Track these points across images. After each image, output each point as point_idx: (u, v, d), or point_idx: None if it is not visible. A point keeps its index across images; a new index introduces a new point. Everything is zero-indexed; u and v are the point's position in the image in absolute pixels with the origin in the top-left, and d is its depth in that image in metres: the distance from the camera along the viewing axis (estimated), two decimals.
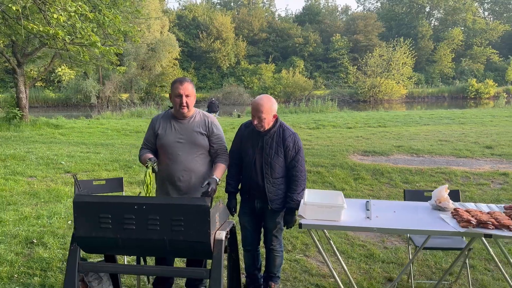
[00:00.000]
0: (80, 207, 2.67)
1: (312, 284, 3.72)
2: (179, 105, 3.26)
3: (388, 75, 36.66)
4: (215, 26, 53.99)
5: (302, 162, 3.29)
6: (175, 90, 3.27)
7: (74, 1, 7.18)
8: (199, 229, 2.55)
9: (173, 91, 3.29)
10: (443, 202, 2.91)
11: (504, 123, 15.91)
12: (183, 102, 3.25)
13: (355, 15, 59.70)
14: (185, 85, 3.26)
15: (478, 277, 3.81)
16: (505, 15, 65.45)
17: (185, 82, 3.28)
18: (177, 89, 3.26)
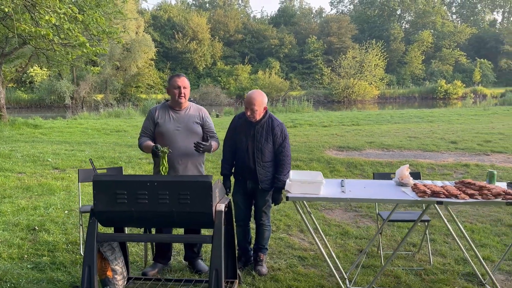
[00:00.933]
0: (99, 185, 3.10)
1: (295, 256, 4.24)
2: (177, 95, 3.74)
3: (361, 77, 37.74)
4: (191, 27, 54.13)
5: (288, 148, 3.81)
6: (173, 83, 3.75)
7: (63, 4, 7.49)
8: (203, 201, 3.02)
9: (171, 84, 3.77)
10: (405, 179, 3.48)
11: (470, 121, 16.91)
12: (181, 93, 3.74)
13: (329, 18, 60.94)
14: (182, 78, 3.78)
15: (438, 248, 4.41)
16: (472, 19, 68.07)
17: (182, 76, 3.81)
18: (175, 82, 3.75)
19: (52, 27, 8.11)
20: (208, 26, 55.87)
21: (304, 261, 4.14)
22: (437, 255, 4.25)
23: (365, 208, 5.81)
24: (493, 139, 11.41)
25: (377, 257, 4.20)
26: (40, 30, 7.10)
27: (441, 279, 3.72)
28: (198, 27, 54.48)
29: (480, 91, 44.29)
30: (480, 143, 10.62)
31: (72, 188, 6.98)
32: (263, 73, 44.04)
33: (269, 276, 3.78)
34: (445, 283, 3.65)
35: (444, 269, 3.93)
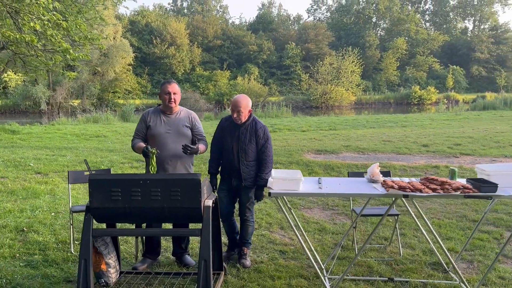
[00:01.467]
0: (94, 183, 3.33)
1: (276, 250, 4.53)
2: (168, 100, 4.00)
3: (338, 83, 38.52)
4: (169, 32, 54.14)
5: (270, 149, 4.12)
6: (164, 89, 4.01)
7: (47, 11, 7.63)
8: (193, 197, 3.28)
9: (162, 90, 4.03)
10: (375, 176, 3.81)
11: (441, 126, 17.60)
12: (171, 98, 4.00)
13: (306, 25, 61.85)
14: (172, 85, 4.04)
15: (407, 241, 4.78)
16: (445, 26, 70.19)
17: (172, 82, 4.06)
18: (166, 88, 4.01)
19: (35, 33, 8.22)
20: (186, 32, 56.00)
21: (285, 254, 4.43)
22: (406, 247, 4.60)
23: (341, 207, 6.15)
24: (462, 142, 12.01)
25: (351, 250, 4.53)
26: (25, 36, 7.22)
27: (409, 268, 4.07)
28: (177, 33, 54.53)
29: (453, 97, 45.71)
30: (451, 146, 11.17)
31: (56, 192, 7.10)
32: (242, 79, 44.43)
33: (252, 268, 4.05)
34: (413, 271, 3.99)
35: (413, 259, 4.29)
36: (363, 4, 65.85)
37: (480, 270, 4.01)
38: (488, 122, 18.88)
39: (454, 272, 3.91)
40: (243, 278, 3.85)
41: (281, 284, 3.73)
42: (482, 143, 11.81)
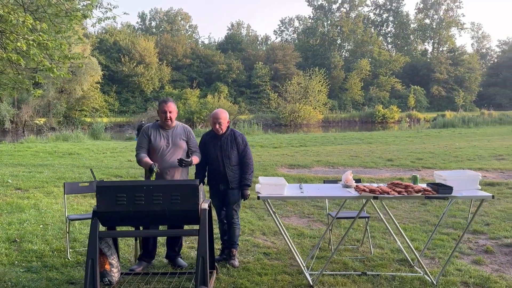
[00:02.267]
0: (102, 189, 3.69)
1: (261, 252, 4.96)
2: (165, 118, 4.42)
3: (306, 102, 39.68)
4: (138, 51, 54.22)
5: (250, 153, 4.69)
6: (162, 108, 4.43)
7: (33, 32, 7.91)
8: (191, 201, 3.70)
9: (160, 109, 4.45)
10: (349, 182, 4.34)
11: (404, 142, 18.62)
12: (167, 117, 4.42)
13: (274, 45, 63.40)
14: (169, 104, 4.45)
15: (377, 242, 5.31)
16: (406, 48, 73.54)
17: (169, 102, 4.47)
18: (163, 107, 4.43)
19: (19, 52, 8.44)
20: (155, 50, 56.26)
21: (269, 256, 4.87)
22: (376, 247, 5.14)
23: (316, 215, 6.66)
24: (424, 157, 12.87)
25: (328, 250, 5.02)
26: (12, 55, 7.46)
27: (380, 264, 4.59)
28: (146, 51, 54.69)
29: (414, 116, 47.79)
30: (413, 161, 11.99)
31: (40, 206, 7.27)
32: (212, 97, 44.93)
33: (241, 267, 4.46)
34: (383, 267, 4.51)
35: (382, 257, 4.82)
36: (328, 27, 68.26)
37: (441, 265, 4.57)
38: (448, 139, 20.09)
39: (418, 266, 4.45)
40: (233, 276, 4.25)
41: (268, 279, 4.16)
42: (442, 158, 12.70)
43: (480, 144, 17.04)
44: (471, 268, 4.44)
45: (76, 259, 4.72)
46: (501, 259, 4.74)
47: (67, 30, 11.36)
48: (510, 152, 13.65)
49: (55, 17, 10.26)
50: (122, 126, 43.53)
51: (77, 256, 4.83)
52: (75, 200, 7.76)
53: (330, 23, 68.56)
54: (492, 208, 6.79)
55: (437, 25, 72.68)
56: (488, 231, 5.66)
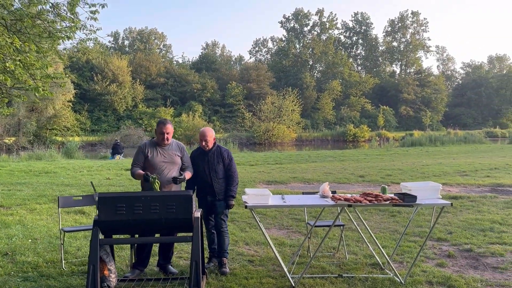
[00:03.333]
0: (103, 200, 4.02)
1: (245, 260, 5.34)
2: (162, 139, 4.82)
3: (279, 121, 40.48)
4: (111, 69, 54.13)
5: (235, 167, 5.13)
6: (160, 129, 4.84)
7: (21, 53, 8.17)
8: (186, 210, 4.07)
9: (158, 130, 4.85)
10: (326, 192, 4.82)
11: (375, 160, 19.41)
12: (165, 138, 4.82)
13: (248, 65, 64.49)
14: (167, 126, 4.87)
15: (351, 249, 5.78)
16: (375, 70, 76.11)
17: (167, 124, 4.89)
18: (161, 129, 4.84)
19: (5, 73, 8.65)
20: (129, 69, 56.27)
21: (253, 263, 5.26)
22: (350, 254, 5.60)
23: (294, 226, 7.10)
24: (393, 173, 13.58)
25: (307, 257, 5.45)
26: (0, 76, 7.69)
27: (354, 267, 5.05)
28: (119, 70, 54.63)
29: (384, 135, 49.34)
30: (383, 177, 12.66)
31: (25, 222, 7.40)
32: (186, 116, 45.14)
33: (228, 273, 4.83)
34: (357, 270, 4.97)
35: (356, 261, 5.28)
36: (300, 49, 70.07)
37: (408, 268, 5.07)
38: (416, 157, 21.05)
39: (388, 268, 4.94)
40: (222, 280, 4.62)
41: (254, 282, 4.54)
42: (409, 174, 13.43)
43: (446, 161, 17.99)
44: (435, 270, 4.96)
45: (70, 269, 4.98)
46: (462, 262, 5.29)
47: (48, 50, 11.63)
48: (472, 168, 14.55)
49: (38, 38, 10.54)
50: (95, 145, 43.06)
51: (71, 266, 5.08)
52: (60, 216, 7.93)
53: (302, 45, 70.42)
54: (455, 219, 7.40)
55: (404, 48, 75.71)
56: (450, 239, 6.23)
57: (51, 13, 10.49)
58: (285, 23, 72.51)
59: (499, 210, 7.99)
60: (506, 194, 9.66)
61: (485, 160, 18.03)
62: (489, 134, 48.67)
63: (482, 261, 5.27)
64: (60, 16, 10.09)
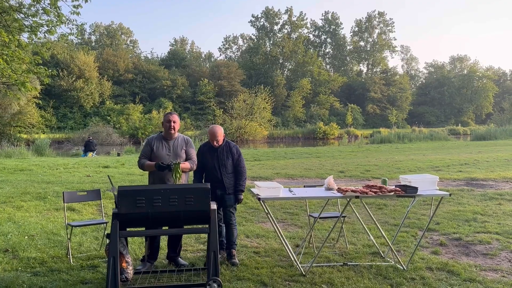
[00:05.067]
0: (123, 193, 4.07)
1: (251, 252, 5.49)
2: (169, 127, 4.89)
3: (251, 118, 40.67)
4: (77, 65, 52.75)
5: (243, 161, 5.29)
6: (167, 118, 4.94)
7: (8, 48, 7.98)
8: (203, 202, 4.18)
9: (165, 119, 4.95)
10: (331, 185, 5.04)
11: (349, 156, 19.92)
12: (171, 126, 4.91)
13: (219, 63, 64.27)
14: (174, 115, 5.00)
15: (350, 240, 6.03)
16: (343, 69, 77.52)
17: (173, 114, 5.02)
18: (168, 118, 4.94)
19: None
20: (96, 65, 55.01)
21: (259, 254, 5.42)
22: (350, 244, 5.86)
23: (289, 220, 7.31)
24: (371, 169, 14.03)
25: (309, 248, 5.66)
26: None
27: (356, 256, 5.31)
28: (85, 66, 53.31)
29: (352, 132, 50.44)
30: (363, 172, 13.07)
31: (16, 219, 7.26)
32: (157, 113, 44.60)
33: (238, 263, 4.97)
34: (360, 258, 5.23)
35: (357, 251, 5.54)
36: (271, 47, 70.49)
37: (406, 255, 5.36)
38: (387, 153, 21.73)
39: (389, 256, 5.22)
40: (234, 270, 4.76)
41: (265, 271, 4.70)
42: (386, 170, 13.92)
43: (417, 157, 18.68)
44: (432, 257, 5.28)
45: (79, 263, 4.98)
46: (454, 250, 5.64)
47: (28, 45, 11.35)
48: (444, 164, 15.22)
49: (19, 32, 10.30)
50: (61, 142, 41.89)
51: (78, 260, 5.07)
52: (49, 213, 7.83)
53: (273, 43, 70.86)
54: (439, 211, 7.79)
55: (371, 48, 77.51)
56: (439, 229, 6.60)
57: (33, 6, 10.28)
58: (254, 22, 72.73)
59: (478, 202, 8.49)
60: (481, 187, 10.23)
61: (454, 156, 18.86)
62: (451, 131, 50.60)
63: (472, 249, 5.64)
64: (44, 10, 9.91)
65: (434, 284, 4.44)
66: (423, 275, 4.66)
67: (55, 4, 10.42)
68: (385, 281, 4.52)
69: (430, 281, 4.49)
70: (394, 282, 4.49)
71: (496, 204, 8.30)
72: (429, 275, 4.68)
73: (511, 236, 6.10)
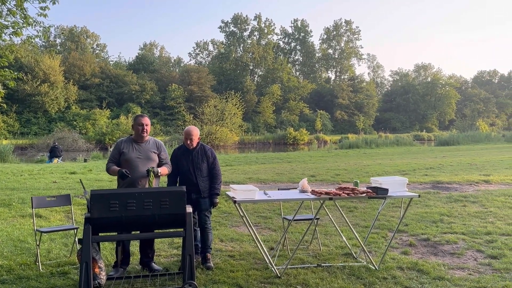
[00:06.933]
0: (95, 197, 3.99)
1: (225, 255, 5.48)
2: (141, 131, 4.82)
3: (222, 124, 40.58)
4: (42, 69, 51.27)
5: (218, 165, 5.26)
6: (138, 121, 4.85)
7: None
8: (179, 205, 4.15)
9: (136, 122, 4.86)
10: (305, 187, 5.11)
11: (319, 161, 20.19)
12: (144, 129, 4.83)
13: (189, 68, 63.89)
14: (145, 118, 4.91)
15: (323, 242, 6.12)
16: (312, 76, 78.61)
17: (145, 116, 4.94)
18: (140, 120, 4.86)
19: None
20: (61, 69, 53.63)
21: (233, 257, 5.41)
22: (323, 246, 5.94)
23: (262, 223, 7.34)
24: (341, 173, 14.26)
25: (283, 250, 5.70)
26: None
27: (329, 257, 5.39)
28: (50, 69, 51.88)
29: (321, 138, 51.19)
30: (333, 176, 13.28)
31: None
32: (125, 118, 43.81)
33: (213, 267, 4.95)
34: (333, 259, 5.31)
35: (330, 252, 5.63)
36: (241, 53, 70.73)
37: (377, 256, 5.48)
38: (356, 158, 22.16)
39: (362, 257, 5.33)
40: (209, 274, 4.73)
41: (241, 275, 4.70)
42: (355, 174, 14.18)
43: (384, 162, 19.15)
44: (402, 257, 5.42)
45: (48, 270, 4.83)
46: (423, 250, 5.81)
47: None
48: (410, 168, 15.66)
49: None
50: (25, 148, 40.41)
51: (48, 267, 4.92)
52: (15, 220, 7.56)
53: (243, 49, 71.12)
54: (408, 213, 7.98)
55: (338, 55, 79.05)
56: (408, 230, 6.79)
57: None
58: (224, 28, 72.86)
59: (444, 204, 8.78)
60: (446, 190, 10.59)
61: (419, 160, 19.44)
62: (416, 137, 52.13)
63: (440, 249, 5.83)
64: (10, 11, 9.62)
65: (405, 283, 4.56)
66: (395, 275, 4.78)
67: (21, 5, 10.15)
68: (358, 281, 4.61)
69: (401, 280, 4.62)
70: (366, 281, 4.59)
71: (461, 205, 8.61)
72: (400, 274, 4.81)
73: (476, 236, 6.34)
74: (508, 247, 5.72)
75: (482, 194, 9.72)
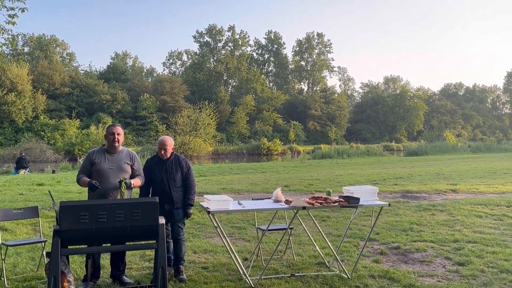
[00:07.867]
0: (65, 209, 3.89)
1: (198, 267, 5.41)
2: (112, 140, 4.73)
3: (196, 134, 40.36)
4: (9, 78, 49.89)
5: (193, 175, 5.22)
6: (110, 130, 4.76)
7: None
8: (152, 217, 4.09)
9: (108, 131, 4.77)
10: (279, 197, 5.14)
11: (293, 171, 20.33)
12: (115, 138, 4.74)
13: (162, 78, 63.43)
14: (117, 127, 4.83)
15: (296, 251, 6.14)
16: (285, 87, 79.40)
17: (117, 125, 4.85)
18: (111, 130, 4.77)
19: None
20: (29, 78, 52.30)
21: (207, 269, 5.35)
22: (297, 255, 5.96)
23: (236, 234, 7.31)
24: (313, 183, 14.40)
25: (257, 261, 5.69)
26: None
27: (303, 267, 5.41)
28: (18, 78, 50.54)
29: (295, 148, 51.63)
30: (306, 186, 13.38)
31: None
32: (96, 128, 42.99)
33: (186, 280, 4.88)
34: (307, 269, 5.33)
35: (303, 261, 5.65)
36: (215, 63, 70.83)
37: (349, 264, 5.55)
38: (328, 168, 22.44)
39: (334, 266, 5.37)
40: (182, 287, 4.67)
41: (214, 286, 4.67)
42: (328, 183, 14.34)
43: (355, 172, 19.46)
44: (374, 265, 5.50)
45: (15, 285, 4.65)
46: (393, 258, 5.92)
47: None
48: (381, 177, 15.97)
49: None
50: None
51: (13, 282, 4.74)
52: None
53: (217, 60, 71.24)
54: (378, 221, 8.12)
55: (311, 67, 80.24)
56: (379, 238, 6.90)
57: None
58: (198, 38, 72.88)
59: (413, 213, 8.98)
60: (415, 199, 10.84)
61: (389, 170, 19.85)
62: (386, 147, 53.27)
63: (410, 256, 5.95)
64: None
65: None
66: (366, 283, 4.85)
67: None
68: None
69: None
70: None
71: (430, 214, 8.82)
72: (372, 282, 4.88)
73: (444, 244, 6.50)
74: (475, 254, 5.90)
75: (449, 203, 10.00)
